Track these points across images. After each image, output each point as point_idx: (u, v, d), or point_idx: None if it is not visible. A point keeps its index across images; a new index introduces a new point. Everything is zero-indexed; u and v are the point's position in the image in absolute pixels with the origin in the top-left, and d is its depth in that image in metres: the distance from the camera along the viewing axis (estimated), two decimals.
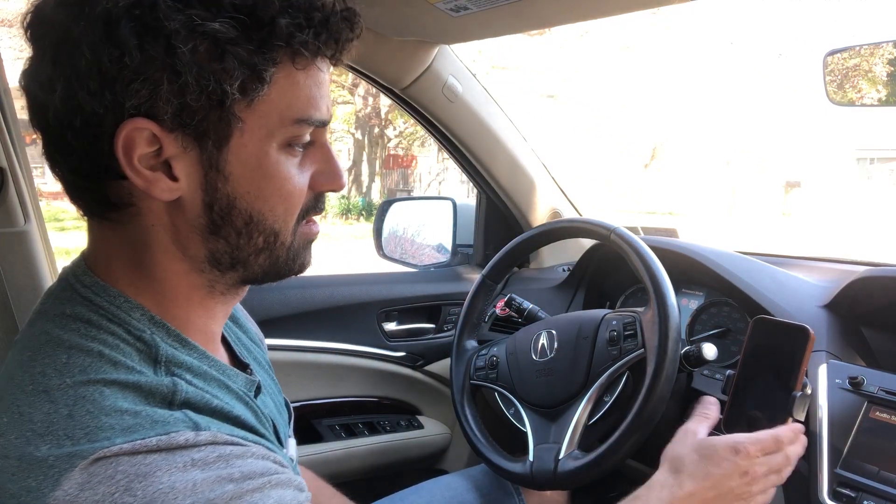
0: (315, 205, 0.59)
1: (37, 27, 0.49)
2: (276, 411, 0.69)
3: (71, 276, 0.55)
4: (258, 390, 0.63)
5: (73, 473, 0.42)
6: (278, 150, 0.53)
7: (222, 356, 0.63)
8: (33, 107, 0.51)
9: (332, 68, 0.56)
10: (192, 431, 0.46)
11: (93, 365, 0.48)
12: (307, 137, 0.55)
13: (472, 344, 1.12)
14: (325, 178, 0.58)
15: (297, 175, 0.55)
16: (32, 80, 0.50)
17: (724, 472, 0.72)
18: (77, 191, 0.53)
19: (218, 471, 0.45)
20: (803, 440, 0.78)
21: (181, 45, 0.45)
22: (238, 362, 0.67)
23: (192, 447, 0.45)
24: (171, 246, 0.53)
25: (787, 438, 0.75)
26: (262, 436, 0.55)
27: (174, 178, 0.50)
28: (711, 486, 0.71)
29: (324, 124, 0.56)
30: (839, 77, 1.10)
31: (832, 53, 1.05)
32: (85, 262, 0.55)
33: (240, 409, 0.55)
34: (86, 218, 0.55)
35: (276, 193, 0.54)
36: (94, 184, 0.51)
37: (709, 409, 0.82)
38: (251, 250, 0.55)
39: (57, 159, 0.52)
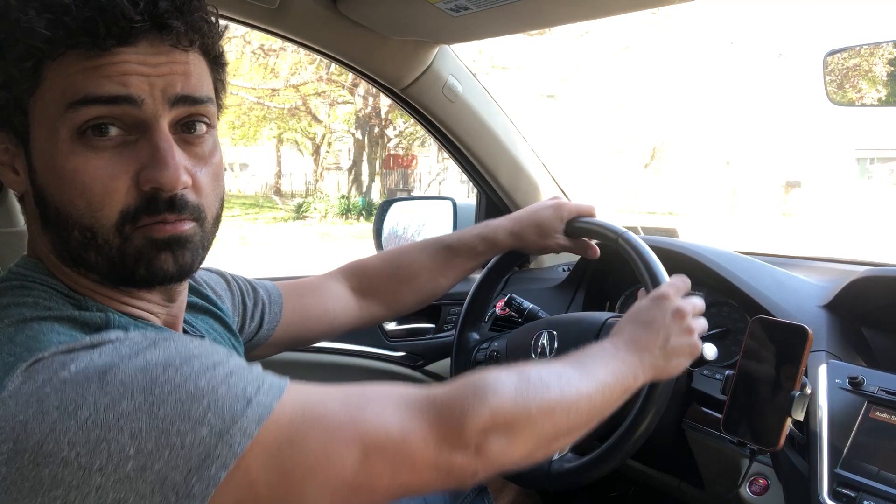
0: (146, 206, 0.54)
1: None
2: None
3: (12, 264, 0.60)
4: None
5: (14, 375, 0.46)
6: (70, 141, 0.52)
7: None
8: None
9: (110, 49, 0.52)
10: (123, 332, 0.51)
11: (29, 310, 0.52)
12: (107, 128, 0.53)
13: (474, 337, 1.12)
14: (145, 173, 0.53)
15: (100, 169, 0.53)
16: None
17: (656, 315, 0.77)
18: None
19: (146, 342, 0.49)
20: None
21: None
22: None
23: (123, 341, 0.49)
24: (44, 237, 0.58)
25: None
26: None
27: (17, 173, 0.57)
28: (652, 328, 0.76)
29: (114, 101, 0.52)
30: (839, 77, 1.10)
31: (832, 53, 1.05)
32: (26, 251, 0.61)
33: None
34: None
35: (70, 186, 0.53)
36: None
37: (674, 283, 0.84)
38: (74, 245, 0.55)
39: None
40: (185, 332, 0.69)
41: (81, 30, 0.51)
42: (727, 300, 1.13)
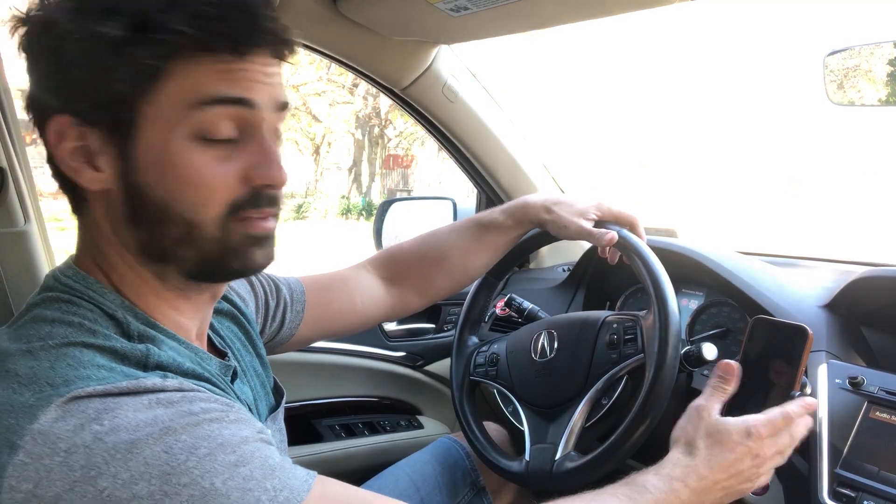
0: (253, 201, 0.58)
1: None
2: (253, 401, 0.72)
3: (56, 271, 0.60)
4: (234, 376, 0.67)
5: (49, 409, 0.46)
6: (185, 139, 0.55)
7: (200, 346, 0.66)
8: (33, 123, 0.58)
9: (244, 56, 0.56)
10: (161, 379, 0.51)
11: (73, 332, 0.53)
12: (227, 129, 0.56)
13: (473, 340, 1.12)
14: (258, 171, 0.58)
15: (212, 165, 0.56)
16: (27, 100, 0.58)
17: (738, 456, 0.72)
18: (63, 190, 0.59)
19: (179, 407, 0.49)
20: (807, 420, 0.76)
21: (81, 49, 0.52)
22: (216, 351, 0.70)
23: (159, 390, 0.50)
24: (113, 237, 0.58)
25: (796, 413, 0.74)
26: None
27: (99, 170, 0.56)
28: (723, 469, 0.72)
29: (240, 104, 0.56)
30: (839, 77, 1.10)
31: (832, 53, 1.05)
32: (72, 260, 0.61)
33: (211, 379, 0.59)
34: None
35: (182, 183, 0.55)
36: (62, 181, 0.58)
37: (726, 383, 0.78)
38: (170, 241, 0.57)
39: (49, 165, 0.58)
40: (209, 339, 0.70)
41: (223, 34, 0.54)
42: (727, 300, 1.13)
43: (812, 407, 0.76)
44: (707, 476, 0.71)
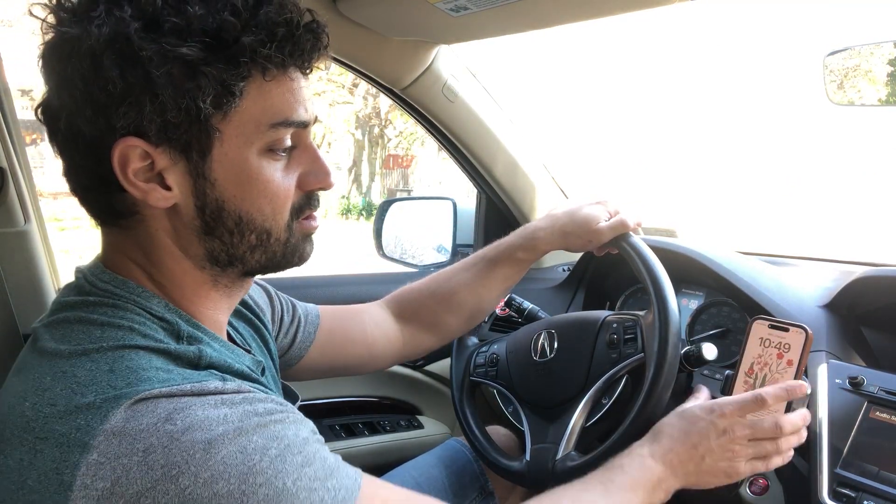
0: (308, 203, 0.64)
1: (44, 69, 0.56)
2: (277, 393, 0.74)
3: (89, 275, 0.60)
4: (263, 371, 0.70)
5: (118, 410, 0.48)
6: (259, 155, 0.58)
7: None
8: (50, 134, 0.58)
9: (306, 75, 0.60)
10: (220, 382, 0.53)
11: (126, 336, 0.54)
12: (287, 141, 0.59)
13: (473, 340, 1.12)
14: (314, 178, 0.63)
15: (282, 177, 0.60)
16: (45, 112, 0.57)
17: (701, 429, 0.74)
18: (90, 203, 0.60)
19: (244, 406, 0.52)
20: (802, 414, 0.76)
21: (156, 70, 0.51)
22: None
23: (220, 392, 0.52)
24: (173, 247, 0.60)
25: (771, 396, 0.74)
26: None
27: (167, 188, 0.56)
28: (691, 444, 0.74)
29: (303, 126, 0.60)
30: (839, 77, 1.10)
31: (832, 54, 1.05)
32: (102, 263, 0.61)
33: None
34: (100, 225, 0.62)
35: (261, 195, 0.59)
36: (102, 197, 0.58)
37: (699, 393, 0.85)
38: (245, 248, 0.61)
39: (71, 178, 0.59)
40: (229, 336, 0.71)
41: (294, 55, 0.57)
42: (727, 300, 1.13)
43: (794, 393, 0.75)
44: (672, 448, 0.74)
